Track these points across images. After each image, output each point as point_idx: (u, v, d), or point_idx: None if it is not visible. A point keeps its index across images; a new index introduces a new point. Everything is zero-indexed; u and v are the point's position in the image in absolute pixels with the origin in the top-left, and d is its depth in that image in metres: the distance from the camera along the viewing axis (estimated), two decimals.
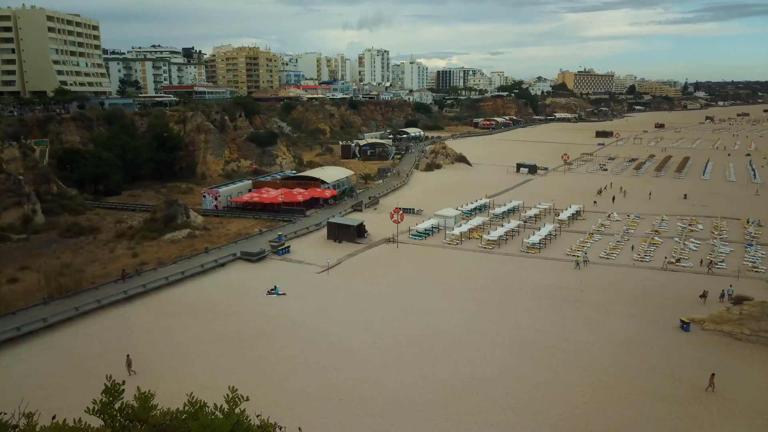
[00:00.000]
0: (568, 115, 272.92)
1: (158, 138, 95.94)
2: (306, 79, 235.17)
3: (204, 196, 76.81)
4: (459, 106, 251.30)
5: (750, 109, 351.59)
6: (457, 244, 61.16)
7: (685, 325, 38.93)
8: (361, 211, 75.85)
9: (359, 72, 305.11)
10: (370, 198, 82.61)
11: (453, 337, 37.89)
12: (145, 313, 42.10)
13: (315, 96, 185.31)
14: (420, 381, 32.01)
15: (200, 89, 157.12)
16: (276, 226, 67.15)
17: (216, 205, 75.51)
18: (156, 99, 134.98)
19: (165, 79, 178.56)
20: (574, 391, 31.06)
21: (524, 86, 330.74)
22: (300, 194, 76.67)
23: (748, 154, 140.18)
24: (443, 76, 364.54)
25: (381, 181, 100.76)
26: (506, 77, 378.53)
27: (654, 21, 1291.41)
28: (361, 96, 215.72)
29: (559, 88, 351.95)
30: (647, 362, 34.44)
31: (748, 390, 31.11)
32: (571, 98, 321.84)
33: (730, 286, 45.82)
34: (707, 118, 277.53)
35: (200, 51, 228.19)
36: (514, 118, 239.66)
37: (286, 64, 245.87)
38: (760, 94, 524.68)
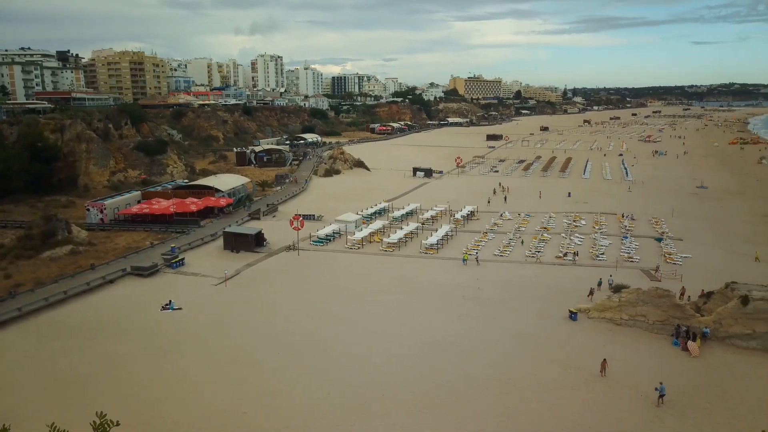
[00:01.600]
0: (461, 120, 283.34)
1: (31, 148, 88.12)
2: (196, 85, 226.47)
3: (88, 210, 71.65)
4: (355, 111, 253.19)
5: (620, 113, 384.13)
6: (359, 248, 61.38)
7: (573, 315, 41.51)
8: (258, 219, 74.10)
9: (252, 78, 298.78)
10: (268, 205, 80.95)
11: (359, 341, 37.86)
12: (21, 340, 38.40)
13: (207, 102, 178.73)
14: (326, 388, 31.66)
15: (79, 95, 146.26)
16: (169, 238, 63.97)
17: (102, 219, 70.71)
18: (27, 106, 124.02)
19: (37, 85, 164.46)
20: (476, 386, 32.06)
21: (418, 92, 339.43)
22: (193, 204, 73.61)
23: (621, 154, 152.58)
24: (338, 81, 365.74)
25: (279, 187, 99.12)
26: (400, 83, 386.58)
27: (534, 31, 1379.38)
28: (255, 102, 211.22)
29: (451, 94, 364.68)
30: (541, 352, 36.30)
31: (630, 371, 33.63)
32: (463, 103, 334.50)
33: (610, 276, 49.49)
34: (585, 121, 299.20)
35: (77, 55, 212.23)
36: (409, 123, 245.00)
37: (175, 70, 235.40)
38: (628, 99, 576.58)
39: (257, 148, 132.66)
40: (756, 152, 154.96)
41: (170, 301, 44.35)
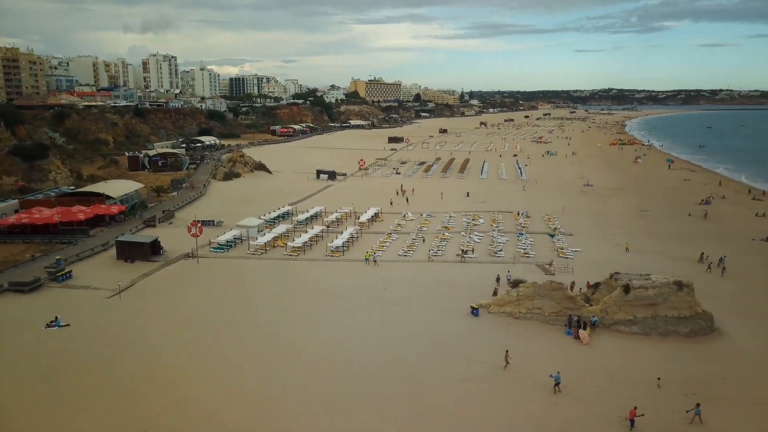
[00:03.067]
0: (362, 122, 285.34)
1: None
2: (81, 85, 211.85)
3: None
4: (255, 113, 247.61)
5: (514, 116, 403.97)
6: (262, 253, 60.05)
7: (474, 311, 42.96)
8: (154, 226, 70.51)
9: (144, 78, 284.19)
10: (164, 212, 77.20)
11: (263, 348, 36.97)
12: None
13: (93, 103, 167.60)
14: (230, 398, 30.60)
15: None
16: (53, 250, 59.27)
17: None
18: None
19: None
20: (384, 386, 32.29)
21: (319, 94, 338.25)
22: (81, 212, 68.66)
23: (515, 155, 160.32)
24: (236, 83, 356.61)
25: (175, 193, 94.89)
26: (301, 85, 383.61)
27: (432, 35, 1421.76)
28: (147, 104, 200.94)
29: (352, 96, 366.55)
30: (446, 349, 37.24)
31: (528, 361, 35.30)
32: (364, 106, 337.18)
33: (508, 271, 51.78)
34: (481, 123, 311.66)
35: None
36: (311, 125, 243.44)
37: (55, 68, 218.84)
38: (521, 102, 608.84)
39: (151, 152, 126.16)
40: (632, 152, 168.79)
41: (56, 317, 41.03)
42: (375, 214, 77.60)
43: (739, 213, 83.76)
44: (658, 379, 32.74)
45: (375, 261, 56.54)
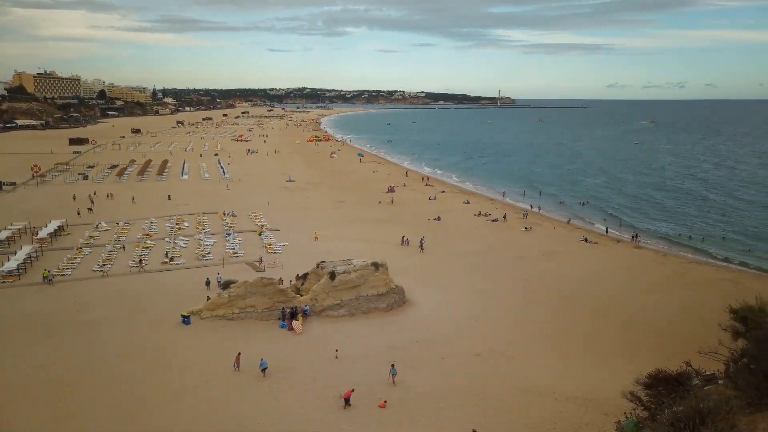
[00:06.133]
0: (34, 122, 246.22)
1: None
2: None
3: None
4: None
5: (212, 114, 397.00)
6: None
7: (186, 319, 40.81)
8: None
9: None
10: None
11: None
12: None
13: None
14: None
15: None
16: None
17: None
18: None
19: None
20: (97, 419, 28.38)
21: None
22: None
23: (216, 154, 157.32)
24: None
25: None
26: None
27: (113, 26, 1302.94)
28: None
29: (18, 92, 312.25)
30: (160, 363, 34.59)
31: (246, 359, 34.88)
32: (34, 103, 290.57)
33: (218, 273, 50.61)
34: (178, 122, 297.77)
35: None
36: None
37: None
38: (218, 100, 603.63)
39: None
40: (328, 148, 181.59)
41: None
42: (59, 227, 67.69)
43: (416, 198, 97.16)
44: (336, 351, 36.10)
45: (51, 281, 49.36)
